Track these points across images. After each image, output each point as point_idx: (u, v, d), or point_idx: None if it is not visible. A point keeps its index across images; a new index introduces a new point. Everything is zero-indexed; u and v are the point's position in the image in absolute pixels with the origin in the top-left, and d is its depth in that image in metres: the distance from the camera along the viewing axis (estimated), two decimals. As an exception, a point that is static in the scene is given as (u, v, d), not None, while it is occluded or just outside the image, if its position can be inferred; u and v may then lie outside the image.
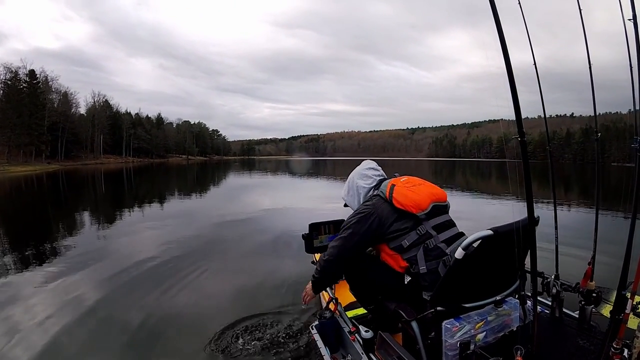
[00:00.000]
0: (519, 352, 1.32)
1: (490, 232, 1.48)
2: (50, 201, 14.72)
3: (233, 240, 7.03)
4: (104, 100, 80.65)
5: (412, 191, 1.83)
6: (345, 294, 2.77)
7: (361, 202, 2.05)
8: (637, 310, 1.41)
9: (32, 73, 57.77)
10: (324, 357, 1.93)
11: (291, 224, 7.93)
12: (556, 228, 2.10)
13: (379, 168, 2.17)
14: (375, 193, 1.98)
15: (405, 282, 1.84)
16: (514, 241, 1.40)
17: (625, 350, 1.34)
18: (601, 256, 1.96)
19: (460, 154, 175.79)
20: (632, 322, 1.37)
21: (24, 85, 56.12)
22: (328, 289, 2.61)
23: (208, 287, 4.48)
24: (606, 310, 1.83)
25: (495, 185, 21.94)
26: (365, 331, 1.82)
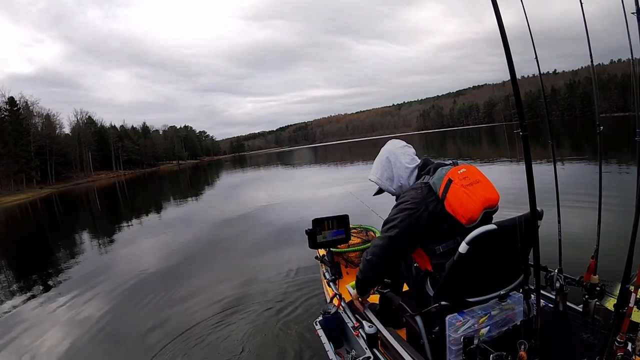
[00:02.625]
0: (522, 347, 1.32)
1: (494, 226, 1.49)
2: (48, 226, 14.79)
3: (233, 240, 7.12)
4: (87, 117, 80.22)
5: (468, 194, 1.60)
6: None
7: (409, 184, 1.83)
8: (641, 304, 1.41)
9: (11, 100, 56.67)
10: (327, 352, 1.94)
11: (289, 218, 8.04)
12: (559, 222, 2.09)
13: (410, 146, 1.95)
14: (425, 181, 1.71)
15: (414, 264, 1.84)
16: (517, 235, 1.40)
17: (629, 344, 1.34)
18: (605, 249, 1.95)
19: (448, 123, 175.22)
20: (636, 316, 1.37)
21: (5, 113, 55.21)
22: (332, 284, 2.61)
23: (212, 288, 4.54)
24: (610, 303, 1.82)
25: (487, 150, 22.14)
26: (369, 326, 1.83)
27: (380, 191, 2.00)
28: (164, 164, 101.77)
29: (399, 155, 1.88)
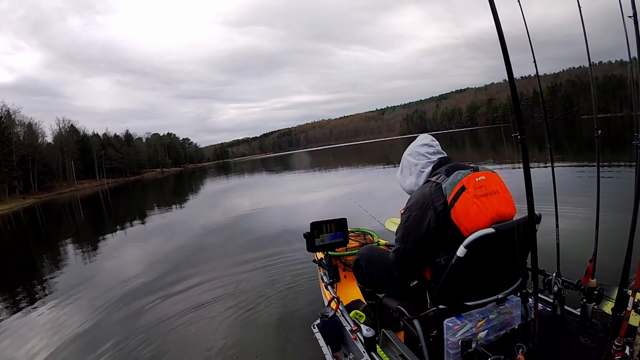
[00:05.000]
0: (520, 350, 1.32)
1: (492, 230, 1.49)
2: (31, 238, 14.37)
3: (225, 244, 7.03)
4: (69, 125, 78.70)
5: (479, 206, 1.53)
6: (347, 293, 2.78)
7: (417, 183, 1.79)
8: (639, 308, 1.41)
9: (-7, 109, 54.46)
10: (325, 356, 1.93)
11: (285, 222, 7.99)
12: (557, 226, 2.10)
13: (435, 143, 1.86)
14: (438, 181, 1.64)
15: (411, 285, 1.83)
16: (515, 239, 1.40)
17: (627, 348, 1.34)
18: (602, 253, 1.95)
19: (432, 127, 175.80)
20: (634, 320, 1.37)
21: (-14, 122, 53.26)
22: (330, 287, 2.61)
23: (204, 292, 4.45)
24: (608, 307, 1.83)
25: (471, 153, 22.81)
26: (367, 330, 1.82)
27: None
28: (147, 172, 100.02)
29: (417, 155, 1.84)
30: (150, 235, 9.84)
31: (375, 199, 8.13)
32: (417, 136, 1.99)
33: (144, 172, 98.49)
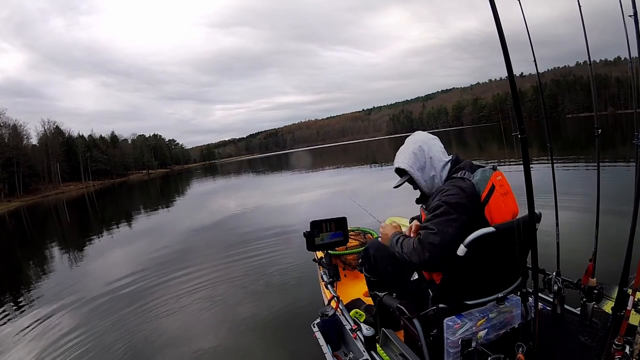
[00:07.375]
0: (520, 349, 1.32)
1: (492, 229, 1.49)
2: (17, 242, 14.22)
3: (223, 244, 7.01)
4: (54, 127, 77.97)
5: (504, 204, 1.57)
6: (346, 292, 2.78)
7: (441, 180, 1.72)
8: (639, 307, 1.41)
9: (-22, 111, 53.48)
10: (325, 355, 1.94)
11: (284, 221, 7.99)
12: (557, 225, 2.10)
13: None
14: (466, 177, 1.60)
15: (412, 279, 1.83)
16: (515, 238, 1.40)
17: (627, 347, 1.34)
18: (602, 252, 1.95)
19: (418, 127, 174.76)
20: (634, 319, 1.37)
21: (-29, 125, 52.17)
22: (330, 286, 2.60)
23: (201, 294, 4.43)
24: (608, 306, 1.82)
25: (456, 151, 22.84)
26: (367, 329, 1.82)
27: (402, 183, 1.85)
28: (133, 174, 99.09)
29: (432, 146, 1.76)
30: (137, 237, 9.86)
31: (374, 198, 7.99)
32: (405, 135, 1.95)
33: (130, 174, 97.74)
